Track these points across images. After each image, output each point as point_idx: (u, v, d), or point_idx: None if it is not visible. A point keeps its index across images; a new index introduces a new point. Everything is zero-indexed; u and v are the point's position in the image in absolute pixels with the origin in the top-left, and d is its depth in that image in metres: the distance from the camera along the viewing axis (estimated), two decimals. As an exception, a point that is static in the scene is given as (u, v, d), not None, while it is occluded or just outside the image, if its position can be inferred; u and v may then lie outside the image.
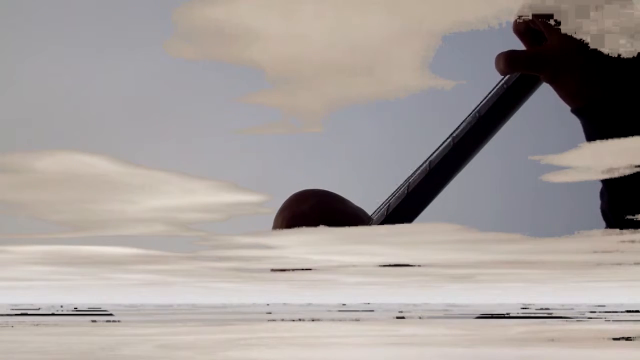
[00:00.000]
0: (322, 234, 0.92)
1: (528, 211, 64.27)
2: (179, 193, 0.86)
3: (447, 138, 1.00)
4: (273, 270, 1.25)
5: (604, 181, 0.83)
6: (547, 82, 0.85)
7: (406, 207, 0.97)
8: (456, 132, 0.99)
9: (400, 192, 1.00)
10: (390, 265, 1.08)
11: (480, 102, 0.98)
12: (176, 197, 0.87)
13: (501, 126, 0.97)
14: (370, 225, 1.01)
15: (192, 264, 1.17)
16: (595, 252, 0.85)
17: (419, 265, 1.14)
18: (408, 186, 0.99)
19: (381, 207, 1.04)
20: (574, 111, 0.84)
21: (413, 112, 36.30)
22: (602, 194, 0.85)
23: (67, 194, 0.84)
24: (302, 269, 1.13)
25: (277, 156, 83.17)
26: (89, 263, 1.17)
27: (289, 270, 1.16)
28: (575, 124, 0.84)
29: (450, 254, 0.92)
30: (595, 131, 0.82)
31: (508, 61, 0.85)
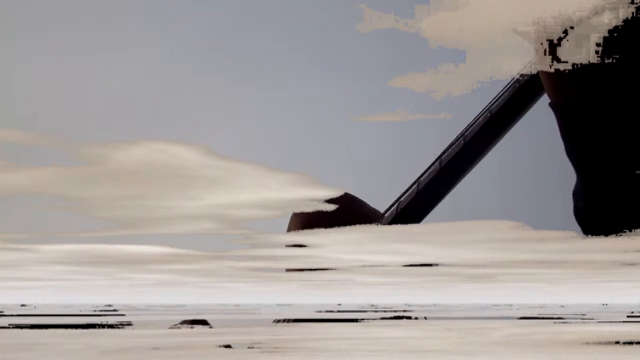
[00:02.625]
0: (363, 232, 0.92)
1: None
2: (251, 187, 0.85)
3: (458, 137, 1.00)
4: (288, 270, 1.25)
5: (583, 181, 0.81)
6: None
7: (415, 206, 0.97)
8: (467, 132, 0.99)
9: (410, 191, 1.00)
10: (416, 265, 1.08)
11: (492, 101, 0.98)
12: (245, 192, 0.85)
13: (512, 126, 0.96)
14: (379, 224, 1.02)
15: (216, 263, 1.18)
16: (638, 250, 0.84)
17: (430, 264, 1.14)
18: (418, 185, 0.99)
19: (392, 205, 1.04)
20: (550, 105, 0.82)
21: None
22: (577, 194, 0.84)
23: (135, 188, 0.83)
24: (319, 269, 1.13)
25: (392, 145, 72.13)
26: (111, 263, 1.18)
27: (305, 270, 1.17)
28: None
29: (490, 253, 0.91)
30: (567, 130, 0.80)
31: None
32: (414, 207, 0.96)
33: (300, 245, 1.04)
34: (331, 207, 1.01)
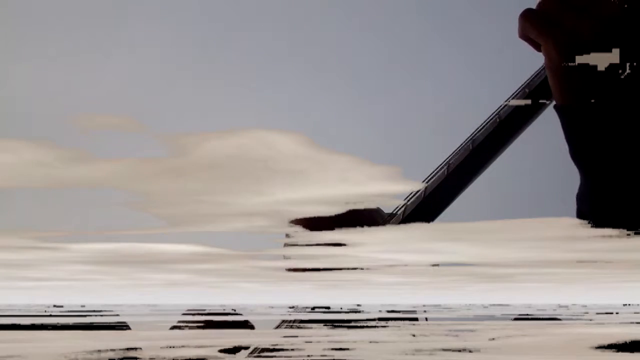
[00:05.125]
0: (413, 230, 0.91)
1: None
2: (330, 181, 0.83)
3: (466, 140, 1.00)
4: (289, 269, 1.25)
5: (587, 184, 0.82)
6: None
7: (422, 211, 0.96)
8: (476, 135, 0.99)
9: (417, 195, 1.00)
10: (424, 265, 1.08)
11: (501, 105, 0.98)
12: (321, 186, 0.83)
13: (523, 130, 0.96)
14: (390, 223, 1.01)
15: (240, 262, 1.17)
16: None
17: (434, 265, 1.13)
18: (425, 189, 0.99)
19: (398, 209, 1.04)
20: (555, 107, 0.84)
21: None
22: (580, 197, 0.84)
23: (210, 182, 0.80)
24: (330, 269, 1.13)
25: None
26: (132, 262, 1.18)
27: (308, 270, 1.16)
28: None
29: (529, 252, 0.91)
30: (572, 133, 0.82)
31: (521, 19, 0.83)
32: (422, 212, 0.96)
33: (339, 244, 1.03)
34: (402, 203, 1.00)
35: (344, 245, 0.99)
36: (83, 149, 0.83)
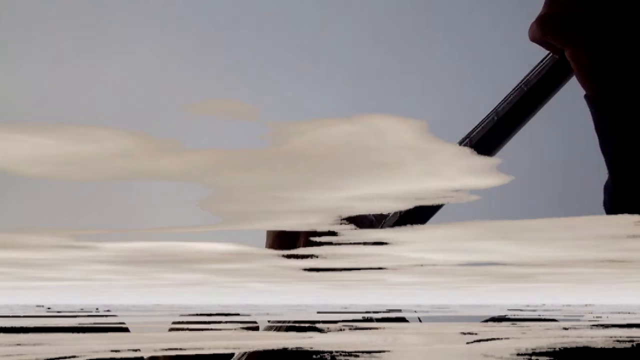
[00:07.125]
0: (457, 229, 0.90)
1: None
2: (419, 175, 0.80)
3: (464, 139, 1.00)
4: (306, 269, 1.24)
5: (612, 173, 0.80)
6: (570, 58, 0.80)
7: (417, 211, 0.97)
8: (473, 134, 0.99)
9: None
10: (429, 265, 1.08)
11: (500, 103, 0.98)
12: (406, 181, 0.80)
13: (520, 128, 0.96)
14: (383, 227, 1.02)
15: (265, 262, 1.16)
16: None
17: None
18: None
19: (389, 215, 1.05)
20: (586, 97, 0.82)
21: None
22: (607, 188, 0.82)
23: (293, 175, 0.77)
24: (340, 269, 1.12)
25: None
26: (156, 262, 1.17)
27: (324, 270, 1.16)
28: None
29: (571, 251, 0.90)
30: (602, 125, 0.80)
31: (540, 24, 0.79)
32: (416, 213, 0.96)
33: (382, 243, 1.03)
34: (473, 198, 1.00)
35: (386, 243, 0.99)
36: (173, 139, 0.80)
